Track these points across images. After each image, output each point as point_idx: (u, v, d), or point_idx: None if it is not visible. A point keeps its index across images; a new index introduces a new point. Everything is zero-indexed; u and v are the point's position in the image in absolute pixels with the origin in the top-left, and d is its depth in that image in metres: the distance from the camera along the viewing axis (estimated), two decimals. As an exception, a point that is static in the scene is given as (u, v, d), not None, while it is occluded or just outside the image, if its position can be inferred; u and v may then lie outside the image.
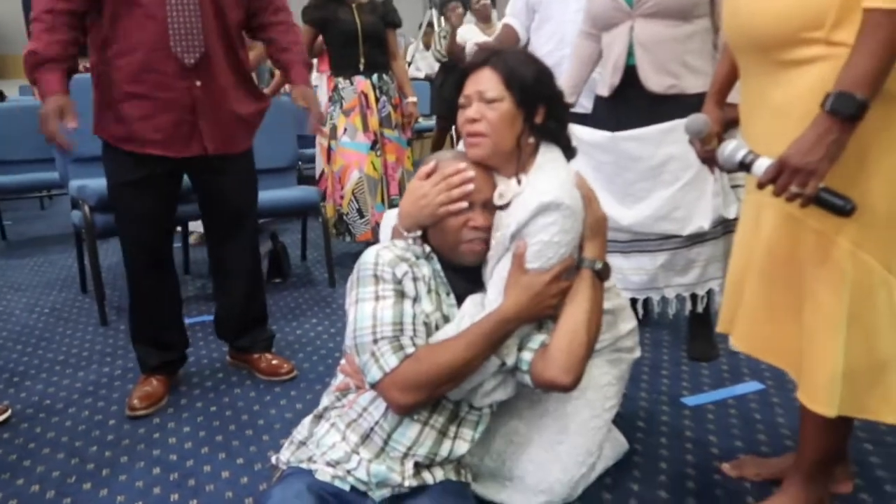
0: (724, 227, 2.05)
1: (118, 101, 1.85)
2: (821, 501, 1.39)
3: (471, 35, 4.56)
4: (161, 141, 1.88)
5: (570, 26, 2.43)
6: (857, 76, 1.05)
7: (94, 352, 2.48)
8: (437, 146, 6.11)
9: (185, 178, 2.06)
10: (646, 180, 2.01)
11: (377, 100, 3.31)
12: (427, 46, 6.68)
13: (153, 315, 2.08)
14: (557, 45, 2.51)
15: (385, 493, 1.28)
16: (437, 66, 5.89)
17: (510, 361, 1.32)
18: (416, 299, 1.31)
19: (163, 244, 2.04)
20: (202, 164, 1.98)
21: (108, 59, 1.83)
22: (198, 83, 1.87)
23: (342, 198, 3.30)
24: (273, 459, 1.41)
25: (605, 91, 2.10)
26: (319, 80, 4.48)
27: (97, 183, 2.71)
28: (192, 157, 1.93)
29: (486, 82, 1.34)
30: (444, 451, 1.33)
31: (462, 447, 1.35)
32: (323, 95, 3.92)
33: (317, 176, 3.77)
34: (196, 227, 3.50)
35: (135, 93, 1.84)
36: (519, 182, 1.37)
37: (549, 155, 1.39)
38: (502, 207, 1.37)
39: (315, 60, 4.09)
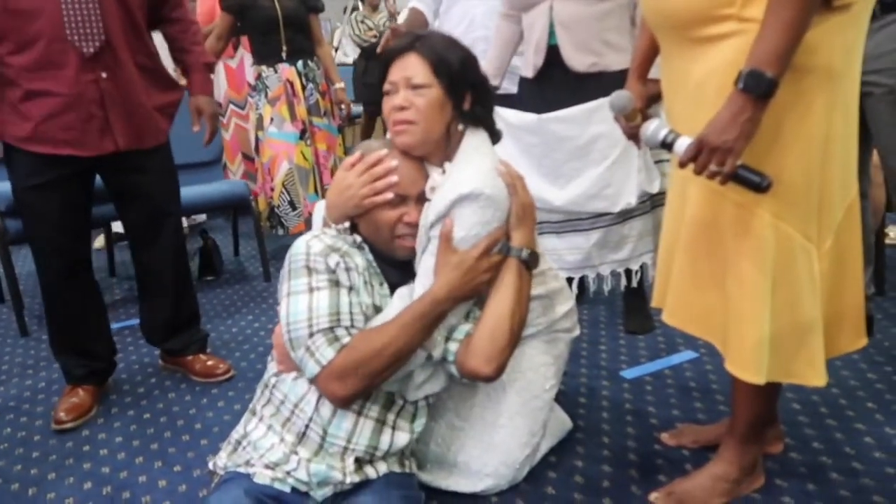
0: (653, 202, 2.10)
1: (19, 100, 1.74)
2: (754, 463, 1.44)
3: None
4: (71, 140, 1.77)
5: (480, 8, 2.42)
6: (767, 53, 1.07)
7: (15, 364, 2.35)
8: (367, 133, 6.04)
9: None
10: (575, 160, 2.03)
11: (304, 87, 3.23)
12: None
13: (74, 326, 1.97)
14: (468, 27, 2.47)
15: (327, 491, 1.26)
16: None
17: (437, 354, 1.31)
18: (351, 288, 1.28)
19: (79, 249, 1.93)
20: (115, 162, 1.87)
21: (0, 57, 1.72)
22: (104, 74, 1.77)
23: (272, 190, 3.22)
24: (210, 465, 1.37)
25: (529, 72, 2.10)
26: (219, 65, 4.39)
27: (7, 186, 2.55)
28: (105, 154, 1.83)
29: (412, 68, 1.31)
30: (383, 443, 1.31)
31: (402, 438, 1.33)
32: (223, 83, 3.86)
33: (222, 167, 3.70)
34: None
35: (36, 90, 1.72)
36: (443, 171, 1.34)
37: (473, 141, 1.37)
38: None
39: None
